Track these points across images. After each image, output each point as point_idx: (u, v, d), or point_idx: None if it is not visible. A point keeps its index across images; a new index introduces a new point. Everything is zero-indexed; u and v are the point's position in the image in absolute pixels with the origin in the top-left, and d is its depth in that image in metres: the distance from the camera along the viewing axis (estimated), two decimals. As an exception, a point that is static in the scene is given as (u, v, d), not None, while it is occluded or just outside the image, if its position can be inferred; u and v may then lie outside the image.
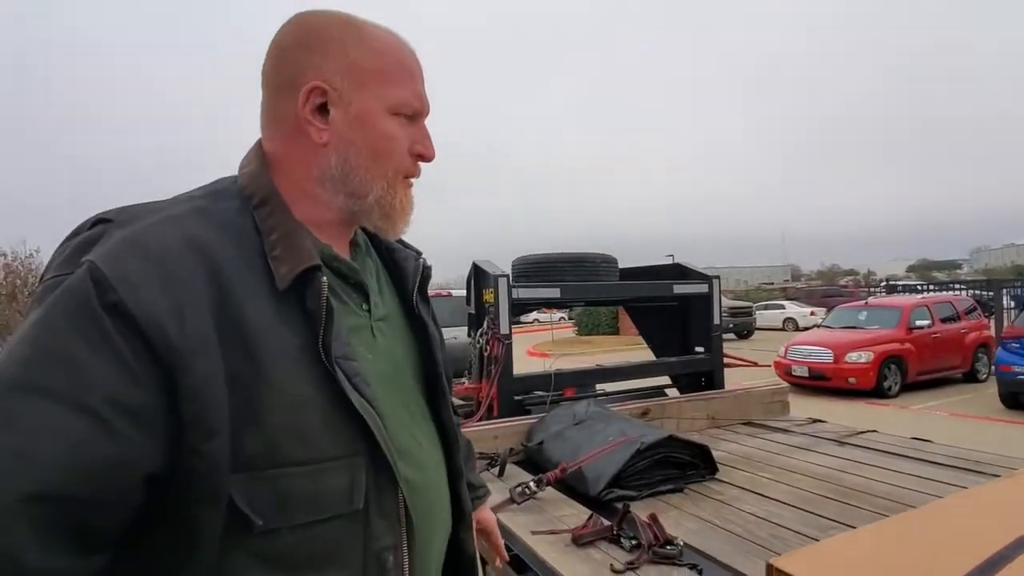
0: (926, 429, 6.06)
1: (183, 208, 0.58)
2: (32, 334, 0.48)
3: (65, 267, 0.52)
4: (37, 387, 0.46)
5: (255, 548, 0.54)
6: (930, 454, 2.24)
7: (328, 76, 0.62)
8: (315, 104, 0.62)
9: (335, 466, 0.58)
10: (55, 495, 0.44)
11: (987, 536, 0.93)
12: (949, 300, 9.90)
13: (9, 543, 0.42)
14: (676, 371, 3.08)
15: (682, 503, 1.76)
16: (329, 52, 0.62)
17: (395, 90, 0.65)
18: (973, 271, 64.41)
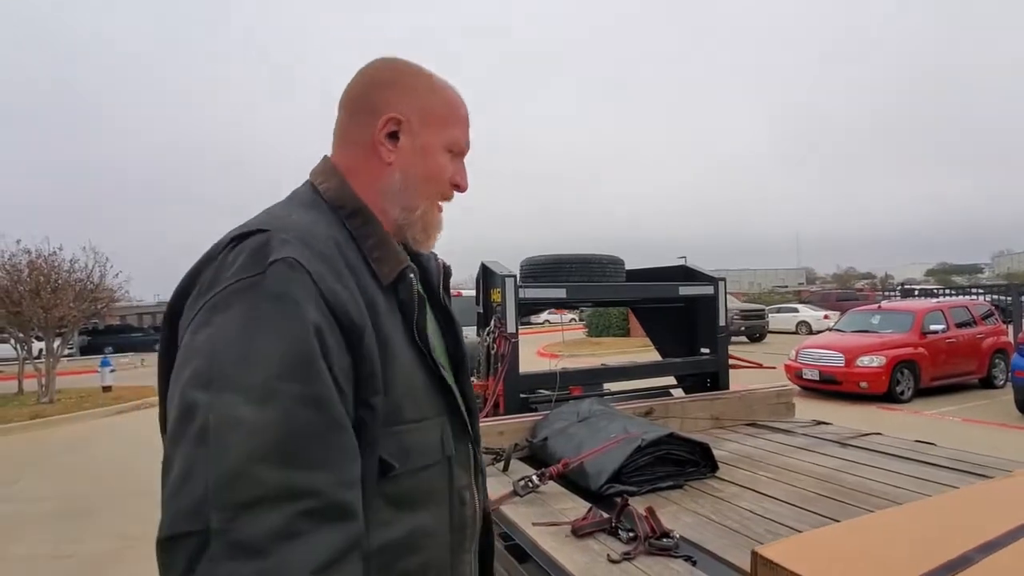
0: (938, 435, 6.00)
1: (310, 217, 0.71)
2: (267, 316, 0.58)
3: (252, 269, 0.60)
4: (312, 352, 0.58)
5: (383, 491, 0.66)
6: (932, 456, 2.26)
7: (404, 111, 0.77)
8: (389, 131, 0.77)
9: (431, 424, 0.73)
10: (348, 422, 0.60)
11: (961, 536, 0.97)
12: (965, 305, 9.77)
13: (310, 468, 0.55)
14: (681, 372, 3.12)
15: (681, 499, 1.80)
16: (407, 93, 0.78)
17: (451, 132, 0.81)
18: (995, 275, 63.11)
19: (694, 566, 1.33)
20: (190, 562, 0.49)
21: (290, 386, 0.56)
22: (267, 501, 0.51)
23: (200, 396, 0.54)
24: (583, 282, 2.90)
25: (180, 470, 0.53)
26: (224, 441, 0.52)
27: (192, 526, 0.50)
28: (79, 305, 11.09)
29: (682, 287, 3.02)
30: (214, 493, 0.50)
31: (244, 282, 0.59)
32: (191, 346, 0.59)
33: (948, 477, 1.97)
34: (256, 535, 0.49)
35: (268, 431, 0.53)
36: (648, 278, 3.35)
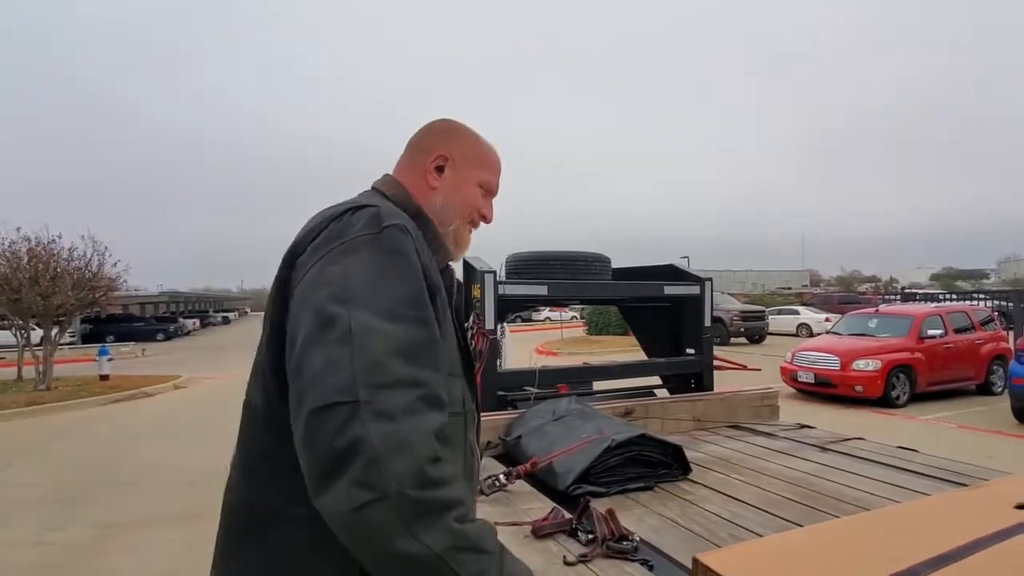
0: (931, 441, 6.01)
1: (394, 210, 0.88)
2: (388, 262, 0.77)
3: (372, 228, 0.80)
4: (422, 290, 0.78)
5: None
6: (912, 463, 2.22)
7: (451, 153, 1.01)
8: (437, 164, 1.00)
9: (457, 381, 0.90)
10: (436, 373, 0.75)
11: (914, 547, 0.94)
12: (964, 310, 9.70)
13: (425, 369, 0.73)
14: (664, 372, 3.09)
15: (650, 501, 1.78)
16: (455, 141, 1.02)
17: (484, 174, 1.04)
18: (1000, 281, 62.78)
19: (651, 570, 1.30)
20: (343, 423, 0.65)
21: (409, 311, 0.75)
22: (398, 385, 0.69)
23: (340, 309, 0.71)
24: (567, 279, 2.86)
25: (326, 361, 0.69)
26: (365, 341, 0.69)
27: (344, 397, 0.66)
28: (77, 293, 11.12)
29: (667, 286, 2.99)
30: (361, 375, 0.67)
31: (367, 236, 0.78)
32: (323, 275, 0.75)
33: (924, 485, 1.94)
34: (391, 406, 0.67)
35: (396, 338, 0.71)
36: (635, 277, 3.31)
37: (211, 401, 9.89)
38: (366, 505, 0.63)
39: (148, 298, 39.62)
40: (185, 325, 33.27)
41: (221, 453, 4.46)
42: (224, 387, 11.45)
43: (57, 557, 3.73)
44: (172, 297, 43.26)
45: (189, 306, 49.66)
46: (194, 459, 5.92)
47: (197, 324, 37.42)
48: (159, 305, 41.95)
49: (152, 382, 11.75)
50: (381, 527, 0.63)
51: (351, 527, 0.65)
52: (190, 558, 3.58)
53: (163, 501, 4.68)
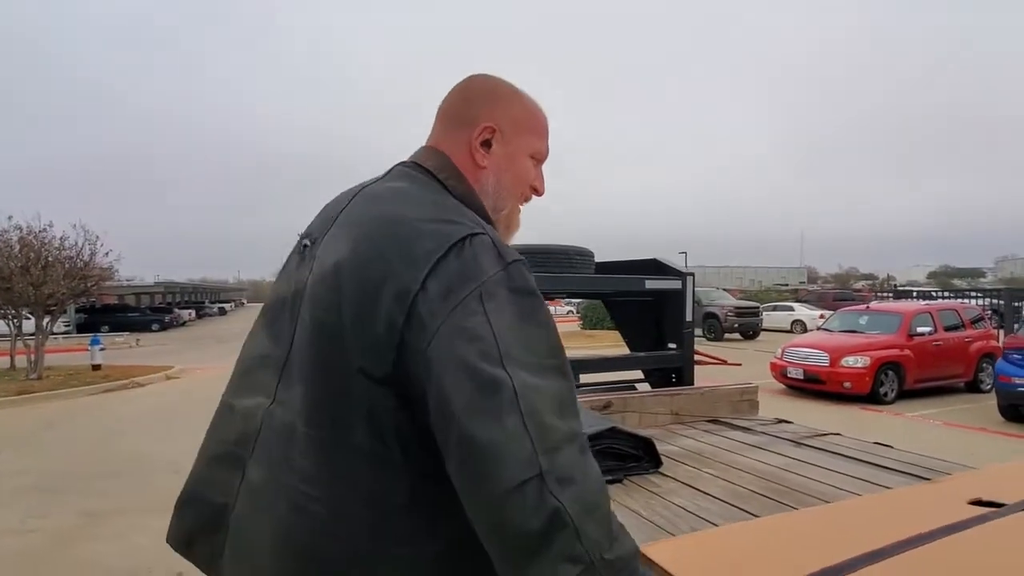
0: (916, 437, 6.05)
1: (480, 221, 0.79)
2: (526, 306, 0.71)
3: (498, 266, 0.71)
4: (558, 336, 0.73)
5: None
6: (884, 459, 2.23)
7: (498, 122, 0.87)
8: (483, 139, 0.87)
9: None
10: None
11: (855, 541, 0.94)
12: (954, 308, 9.75)
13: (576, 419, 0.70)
14: (645, 366, 3.09)
15: (616, 494, 1.78)
16: (501, 106, 0.88)
17: (535, 141, 0.91)
18: (996, 280, 63.03)
19: (607, 562, 1.31)
20: (537, 499, 0.62)
21: (551, 360, 0.70)
22: (564, 444, 0.66)
23: (499, 372, 0.65)
24: (548, 273, 2.86)
25: (504, 434, 0.64)
26: (532, 404, 0.65)
27: (530, 472, 0.63)
28: (69, 283, 11.08)
29: (648, 281, 2.99)
30: (537, 444, 0.63)
31: (500, 275, 0.70)
32: (466, 329, 0.67)
33: (892, 480, 1.95)
34: (568, 469, 0.64)
35: (550, 394, 0.67)
36: (618, 271, 3.31)
37: (204, 392, 9.87)
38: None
39: (144, 288, 39.47)
40: (181, 316, 33.18)
41: (199, 443, 4.32)
42: (218, 378, 11.39)
43: (40, 545, 3.74)
44: (168, 287, 43.04)
45: (185, 296, 49.50)
46: (182, 449, 5.90)
47: (193, 315, 37.34)
48: (155, 295, 41.80)
49: (144, 372, 11.73)
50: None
51: None
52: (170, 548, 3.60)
53: (149, 490, 4.69)
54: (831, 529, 1.03)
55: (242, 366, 0.89)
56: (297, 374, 0.75)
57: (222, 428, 0.86)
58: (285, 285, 0.85)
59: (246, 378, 0.85)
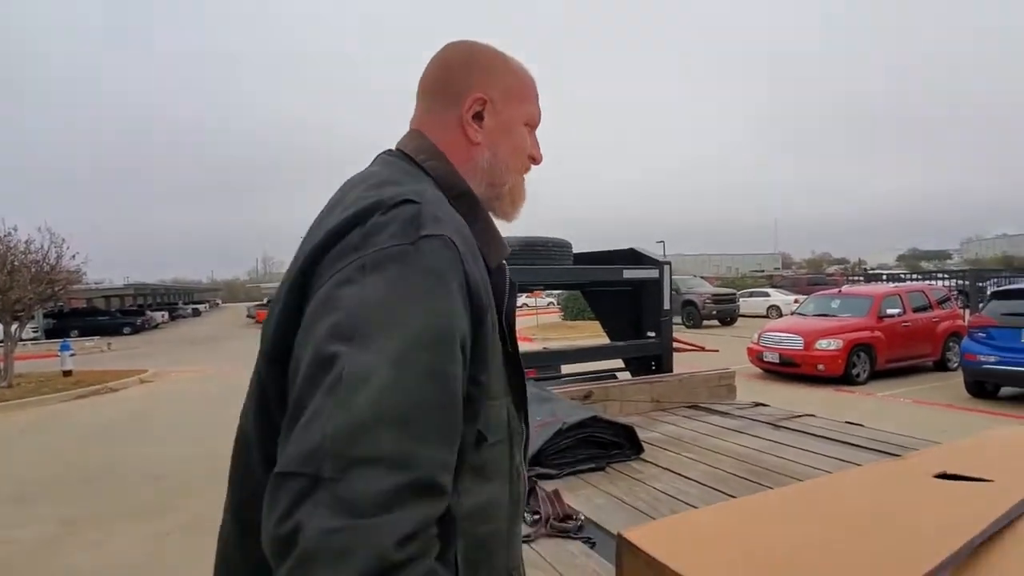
0: (887, 416, 6.25)
1: (438, 195, 0.73)
2: (419, 286, 0.60)
3: (405, 237, 0.62)
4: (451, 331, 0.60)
5: (471, 460, 0.69)
6: (857, 437, 2.31)
7: (487, 91, 0.80)
8: (474, 111, 0.80)
9: (503, 402, 0.75)
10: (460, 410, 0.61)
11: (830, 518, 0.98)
12: (922, 289, 10.05)
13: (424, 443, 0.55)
14: (625, 355, 3.13)
15: (600, 481, 1.81)
16: (488, 73, 0.81)
17: (529, 107, 0.85)
18: (962, 262, 65.14)
19: (592, 548, 1.34)
20: (293, 503, 0.50)
21: (424, 356, 0.57)
22: (380, 463, 0.52)
23: (339, 348, 0.56)
24: (526, 264, 2.87)
25: (308, 415, 0.54)
26: (352, 396, 0.53)
27: (303, 468, 0.51)
28: (36, 287, 10.73)
29: (626, 270, 3.02)
30: (331, 442, 0.51)
31: (397, 249, 0.61)
32: (333, 298, 0.60)
33: (864, 457, 2.02)
34: (360, 494, 0.50)
35: (395, 395, 0.54)
36: (596, 261, 3.34)
37: (179, 396, 9.69)
38: None
39: (113, 291, 38.47)
40: (153, 318, 32.42)
41: (189, 448, 4.48)
42: (194, 381, 11.23)
43: (18, 555, 3.64)
44: (138, 289, 42.00)
45: (157, 298, 48.33)
46: (160, 454, 5.81)
47: (166, 317, 36.48)
48: (125, 298, 40.72)
49: (117, 377, 11.45)
50: None
51: None
52: (154, 555, 3.54)
53: (128, 497, 4.59)
54: (804, 507, 1.06)
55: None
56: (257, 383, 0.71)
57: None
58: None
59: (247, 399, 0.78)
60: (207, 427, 6.90)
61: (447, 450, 0.58)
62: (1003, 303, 7.29)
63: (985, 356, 7.07)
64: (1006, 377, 7.02)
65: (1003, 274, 18.10)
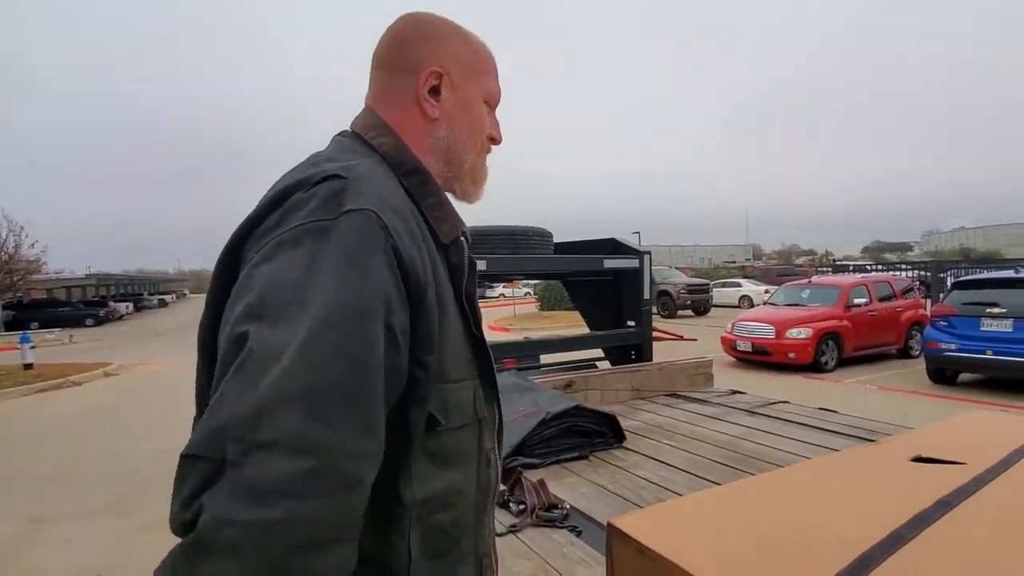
0: (854, 402, 6.45)
1: (380, 170, 0.69)
2: (332, 261, 0.57)
3: (324, 213, 0.60)
4: (369, 310, 0.57)
5: (426, 446, 0.68)
6: (831, 423, 2.37)
7: (444, 64, 0.77)
8: (431, 86, 0.76)
9: (467, 385, 0.72)
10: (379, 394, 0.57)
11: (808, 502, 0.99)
12: (887, 280, 10.37)
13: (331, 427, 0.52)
14: (605, 344, 3.14)
15: (584, 470, 1.82)
16: (445, 46, 0.77)
17: (488, 83, 0.82)
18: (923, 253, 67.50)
19: (578, 536, 1.34)
20: (197, 487, 0.49)
21: (335, 337, 0.54)
22: (281, 447, 0.49)
23: (249, 327, 0.54)
24: (509, 255, 2.85)
25: (217, 395, 0.52)
26: (258, 376, 0.51)
27: (207, 452, 0.50)
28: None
29: (607, 260, 3.02)
30: (235, 424, 0.49)
31: (315, 225, 0.59)
32: (249, 278, 0.58)
33: (839, 443, 2.07)
34: (263, 479, 0.48)
35: (302, 377, 0.52)
36: (576, 251, 3.34)
37: (146, 388, 9.42)
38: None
39: (74, 281, 37.10)
40: (117, 309, 31.39)
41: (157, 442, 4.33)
42: (160, 374, 10.92)
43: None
44: (101, 280, 40.56)
45: (121, 289, 46.82)
46: (128, 449, 5.64)
47: (131, 308, 35.35)
48: (87, 289, 39.35)
49: (81, 369, 11.07)
50: None
51: None
52: (124, 552, 3.44)
53: (95, 493, 4.45)
54: (791, 491, 1.08)
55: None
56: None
57: None
58: None
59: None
60: (176, 421, 6.70)
61: (362, 435, 0.54)
62: (964, 293, 7.58)
63: (946, 344, 7.34)
64: (965, 364, 7.31)
65: (961, 265, 18.81)
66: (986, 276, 8.37)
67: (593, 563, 1.21)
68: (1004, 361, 6.85)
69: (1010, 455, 1.20)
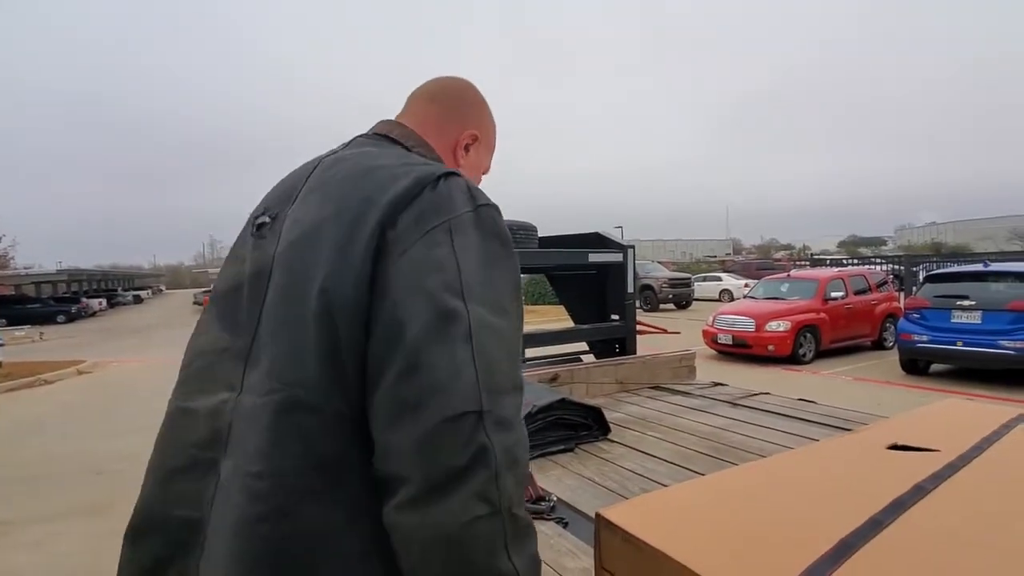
0: (830, 392, 6.61)
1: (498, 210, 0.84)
2: (495, 248, 0.73)
3: (471, 204, 0.73)
4: (520, 284, 0.76)
5: None
6: (810, 413, 2.41)
7: (481, 130, 0.99)
8: (467, 142, 0.97)
9: None
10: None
11: (794, 490, 1.01)
12: (863, 273, 10.61)
13: (520, 368, 0.71)
14: (590, 338, 3.16)
15: (569, 462, 1.83)
16: (484, 119, 1.01)
17: (490, 158, 1.04)
18: (896, 248, 69.11)
19: (565, 527, 1.35)
20: (471, 434, 0.61)
21: (513, 306, 0.71)
22: (509, 390, 0.66)
23: (459, 304, 0.65)
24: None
25: (453, 363, 0.62)
26: (485, 342, 0.65)
27: (471, 407, 0.62)
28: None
29: (592, 254, 3.04)
30: (484, 381, 0.63)
31: (471, 215, 0.72)
32: (432, 258, 0.67)
33: (818, 432, 2.11)
34: (507, 414, 0.64)
35: (506, 337, 0.68)
36: (561, 245, 3.35)
37: (121, 387, 9.22)
38: (479, 519, 0.59)
39: (44, 276, 36.02)
40: (90, 306, 30.62)
41: (133, 442, 4.21)
42: (138, 372, 10.70)
43: (-56, 561, 3.39)
44: (73, 275, 39.42)
45: (94, 285, 45.67)
46: (103, 449, 5.52)
47: (104, 304, 34.52)
48: (58, 284, 38.26)
49: (53, 368, 10.78)
50: (488, 542, 0.60)
51: (457, 540, 0.59)
52: (100, 553, 3.37)
53: (68, 494, 4.35)
54: (769, 481, 1.10)
55: (193, 366, 0.81)
56: (264, 351, 0.69)
57: (180, 435, 0.75)
58: (238, 269, 0.80)
59: (200, 377, 0.77)
60: (152, 420, 6.54)
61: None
62: (936, 286, 7.79)
63: (919, 335, 7.55)
64: (937, 355, 7.53)
65: (933, 259, 19.33)
66: (957, 270, 8.62)
67: (580, 554, 1.22)
68: (973, 352, 7.07)
69: (981, 441, 1.24)
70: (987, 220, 51.39)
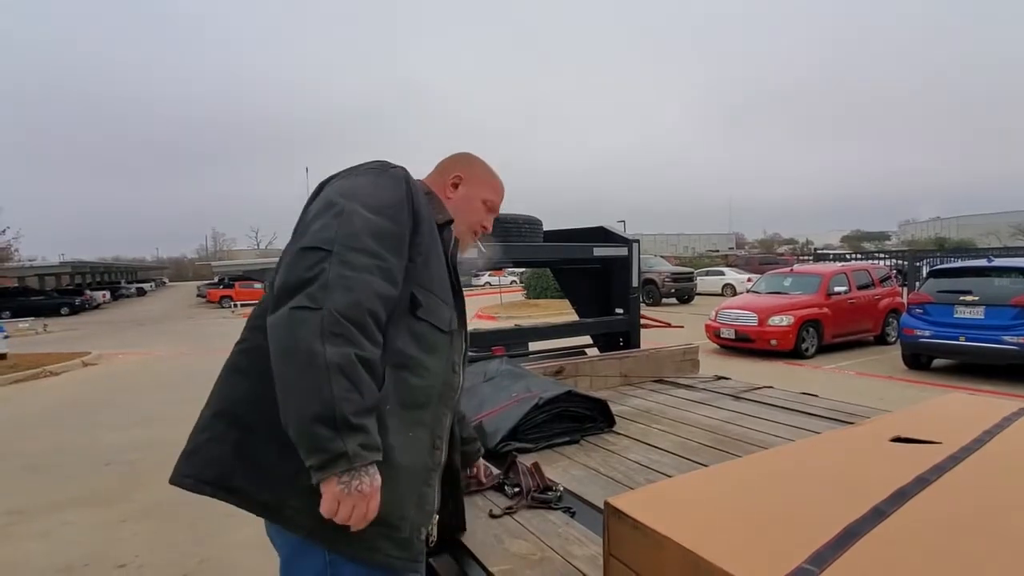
0: (833, 387, 6.62)
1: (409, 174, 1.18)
2: (382, 182, 1.09)
3: (378, 166, 1.13)
4: (401, 202, 1.07)
5: (408, 324, 1.05)
6: (813, 407, 2.44)
7: (464, 174, 1.32)
8: (453, 182, 1.31)
9: (448, 307, 1.13)
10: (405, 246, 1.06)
11: (794, 481, 1.03)
12: (866, 268, 10.58)
13: (388, 250, 1.02)
14: (594, 332, 3.18)
15: (575, 453, 1.85)
16: (470, 167, 1.33)
17: (489, 193, 1.34)
18: (900, 243, 68.77)
19: (572, 517, 1.37)
20: (317, 261, 0.94)
21: (388, 211, 1.04)
22: (364, 252, 0.96)
23: (340, 199, 1.02)
24: (497, 242, 2.86)
25: (321, 225, 0.98)
26: (350, 219, 0.99)
27: (324, 245, 0.95)
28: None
29: (597, 248, 3.05)
30: (340, 237, 0.96)
31: (374, 167, 1.11)
32: (333, 185, 1.08)
33: (821, 426, 2.14)
34: (353, 262, 0.94)
35: (372, 223, 1.00)
36: (566, 239, 3.36)
37: (127, 379, 9.28)
38: (304, 309, 0.89)
39: (48, 269, 36.13)
40: (94, 298, 30.71)
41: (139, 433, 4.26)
42: (142, 364, 10.77)
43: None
44: (76, 267, 39.46)
45: (97, 277, 45.74)
46: (109, 441, 5.57)
47: (108, 296, 34.62)
48: (62, 277, 38.35)
49: (58, 360, 10.83)
50: (304, 325, 0.88)
51: (283, 320, 0.90)
52: (109, 542, 3.43)
53: (76, 484, 4.40)
54: (773, 472, 1.12)
55: None
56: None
57: None
58: None
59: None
60: (158, 412, 6.65)
61: (398, 260, 1.02)
62: (939, 281, 7.77)
63: (921, 331, 7.54)
64: (939, 350, 7.53)
65: (936, 254, 19.27)
66: (960, 265, 8.59)
67: (588, 542, 1.25)
68: (976, 347, 7.07)
69: (982, 434, 1.26)
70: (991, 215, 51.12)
